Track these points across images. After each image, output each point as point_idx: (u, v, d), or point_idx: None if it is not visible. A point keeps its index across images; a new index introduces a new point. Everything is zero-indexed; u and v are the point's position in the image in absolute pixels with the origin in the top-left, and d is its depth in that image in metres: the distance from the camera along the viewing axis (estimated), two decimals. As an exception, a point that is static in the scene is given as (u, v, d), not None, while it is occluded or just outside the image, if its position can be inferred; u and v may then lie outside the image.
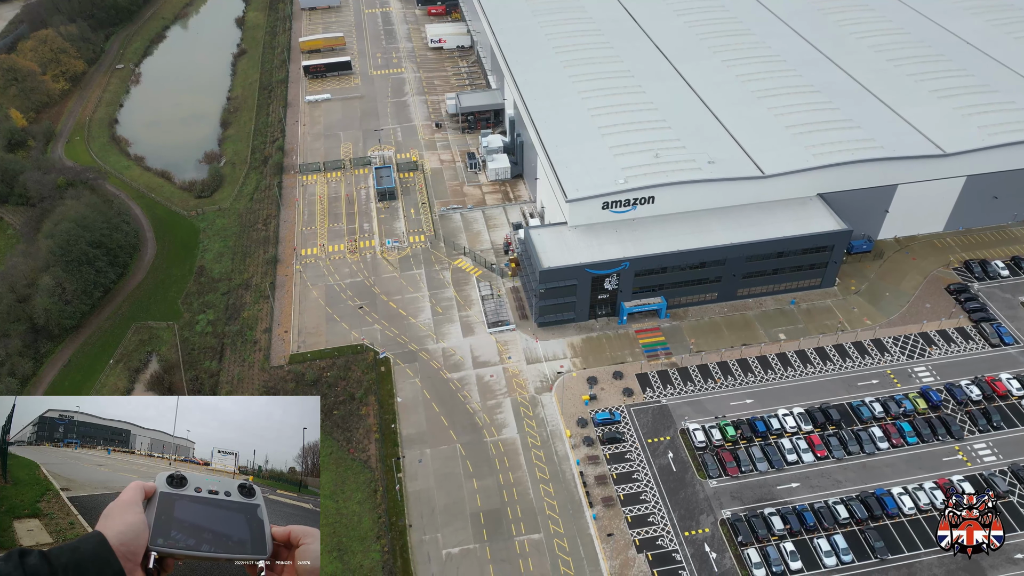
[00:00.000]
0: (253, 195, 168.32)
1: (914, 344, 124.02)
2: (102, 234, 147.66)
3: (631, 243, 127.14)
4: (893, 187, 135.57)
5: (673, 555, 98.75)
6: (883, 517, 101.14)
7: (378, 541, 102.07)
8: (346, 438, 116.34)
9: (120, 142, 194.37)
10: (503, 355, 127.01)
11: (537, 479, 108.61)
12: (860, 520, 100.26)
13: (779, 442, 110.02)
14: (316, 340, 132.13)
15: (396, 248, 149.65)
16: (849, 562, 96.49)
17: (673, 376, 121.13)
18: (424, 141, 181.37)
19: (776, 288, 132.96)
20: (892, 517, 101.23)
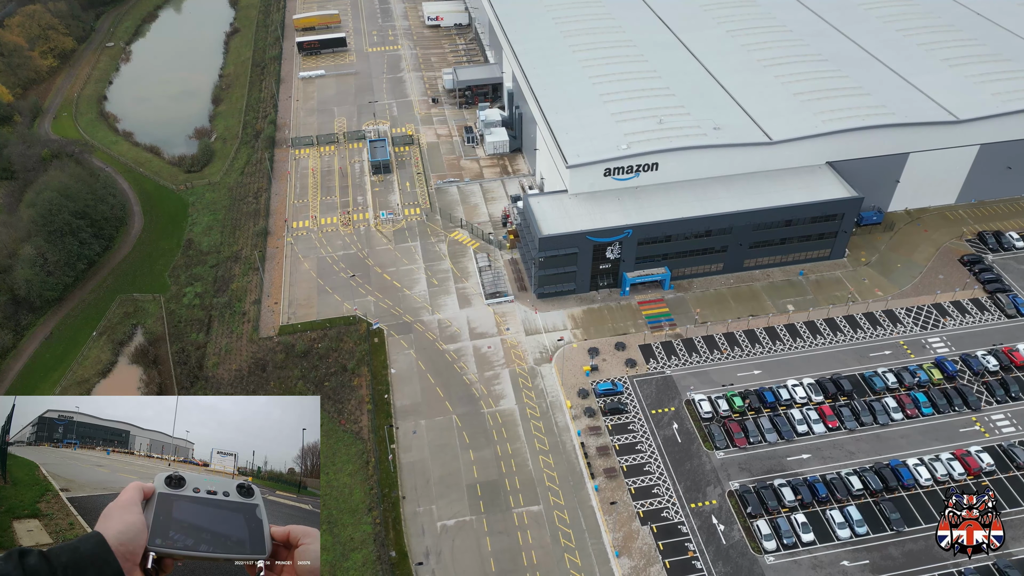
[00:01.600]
0: (244, 169, 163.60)
1: (927, 315, 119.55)
2: (86, 204, 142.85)
3: (634, 211, 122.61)
4: (904, 156, 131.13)
5: (679, 527, 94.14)
6: (898, 489, 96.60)
7: (369, 513, 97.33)
8: (337, 410, 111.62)
9: (108, 118, 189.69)
10: (501, 326, 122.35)
11: (536, 450, 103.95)
12: (875, 491, 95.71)
13: (788, 413, 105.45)
14: (307, 312, 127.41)
15: (391, 220, 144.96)
16: (864, 534, 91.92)
17: (677, 347, 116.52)
18: (420, 116, 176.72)
19: (784, 259, 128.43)
20: (908, 489, 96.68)
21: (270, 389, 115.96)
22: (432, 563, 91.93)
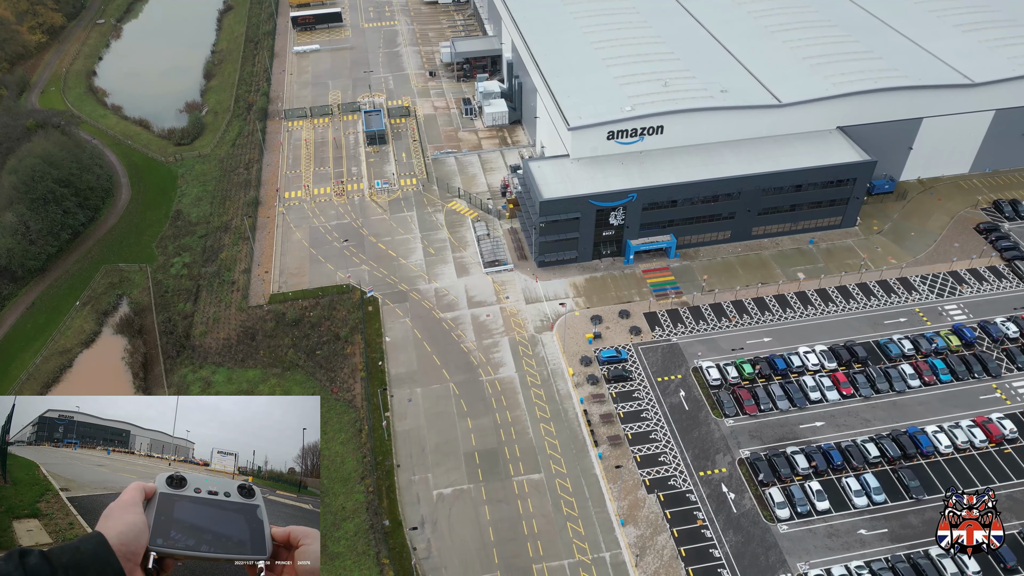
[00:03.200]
0: (235, 141, 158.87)
1: (943, 282, 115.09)
2: (70, 173, 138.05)
3: (638, 176, 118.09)
4: (917, 122, 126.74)
5: (687, 495, 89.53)
6: (917, 456, 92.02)
7: (362, 482, 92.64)
8: (329, 378, 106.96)
9: (97, 92, 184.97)
10: (500, 295, 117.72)
11: (537, 418, 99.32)
12: (892, 459, 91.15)
13: (801, 380, 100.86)
14: (298, 281, 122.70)
15: (386, 190, 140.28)
16: (881, 502, 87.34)
17: (684, 315, 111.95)
18: (417, 89, 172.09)
19: (793, 227, 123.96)
20: (927, 456, 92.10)
21: (259, 359, 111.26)
22: (428, 532, 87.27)
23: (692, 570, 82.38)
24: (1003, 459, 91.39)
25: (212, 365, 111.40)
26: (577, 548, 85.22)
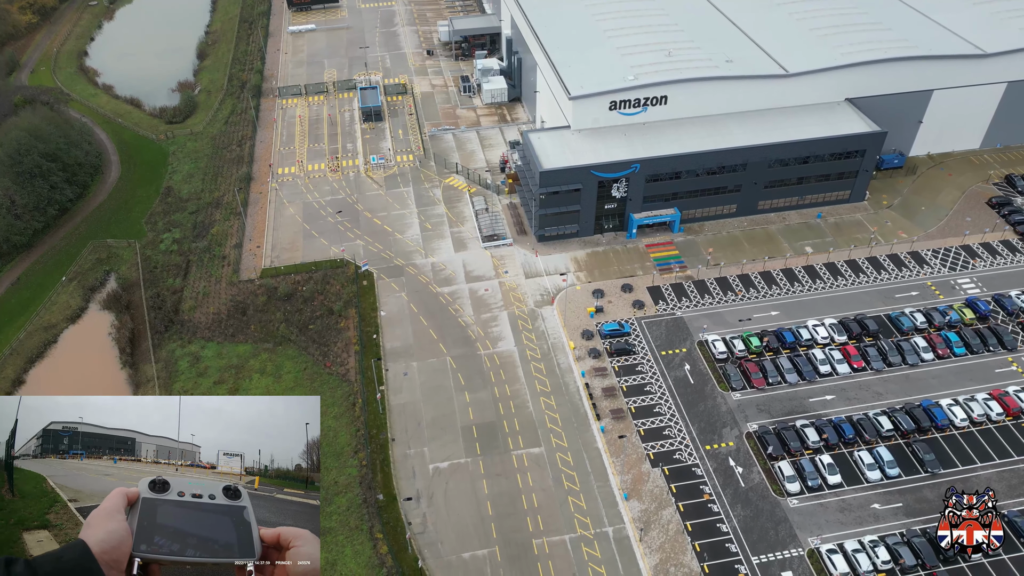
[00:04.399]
0: (228, 119, 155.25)
1: (956, 256, 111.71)
2: (57, 147, 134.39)
3: (641, 147, 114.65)
4: (928, 94, 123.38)
5: (693, 469, 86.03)
6: (932, 430, 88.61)
7: (356, 456, 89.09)
8: (322, 352, 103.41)
9: (88, 72, 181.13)
10: (499, 269, 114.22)
11: (537, 392, 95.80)
12: (906, 432, 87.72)
13: (810, 353, 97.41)
14: (291, 255, 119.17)
15: (382, 166, 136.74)
16: (896, 476, 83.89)
17: (688, 289, 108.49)
18: (414, 67, 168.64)
19: (801, 201, 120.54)
20: (942, 430, 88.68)
21: (250, 333, 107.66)
22: (424, 507, 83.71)
23: (699, 544, 78.91)
24: (1021, 433, 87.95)
25: (201, 340, 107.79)
26: (579, 523, 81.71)
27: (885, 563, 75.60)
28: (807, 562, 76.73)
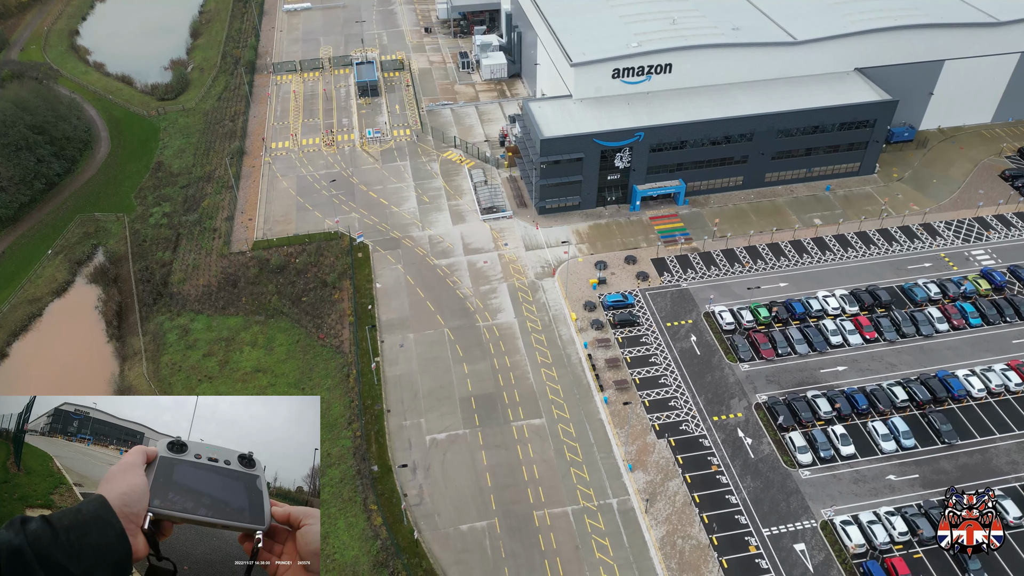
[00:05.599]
0: (221, 95, 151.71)
1: (969, 228, 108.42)
2: (45, 120, 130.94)
3: (645, 116, 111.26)
4: (939, 65, 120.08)
5: (700, 440, 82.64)
6: (948, 400, 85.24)
7: (350, 427, 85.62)
8: (315, 325, 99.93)
9: (79, 51, 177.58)
10: (498, 242, 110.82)
11: (538, 363, 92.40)
12: (922, 403, 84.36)
13: (821, 324, 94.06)
14: (284, 228, 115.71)
15: (378, 140, 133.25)
16: (911, 447, 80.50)
17: (694, 260, 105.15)
18: (412, 44, 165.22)
19: (809, 174, 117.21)
20: (959, 400, 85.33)
21: (241, 306, 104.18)
22: (420, 478, 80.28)
23: (707, 516, 75.53)
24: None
25: (191, 312, 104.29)
26: (581, 494, 78.30)
27: (902, 534, 72.28)
28: (820, 534, 73.39)
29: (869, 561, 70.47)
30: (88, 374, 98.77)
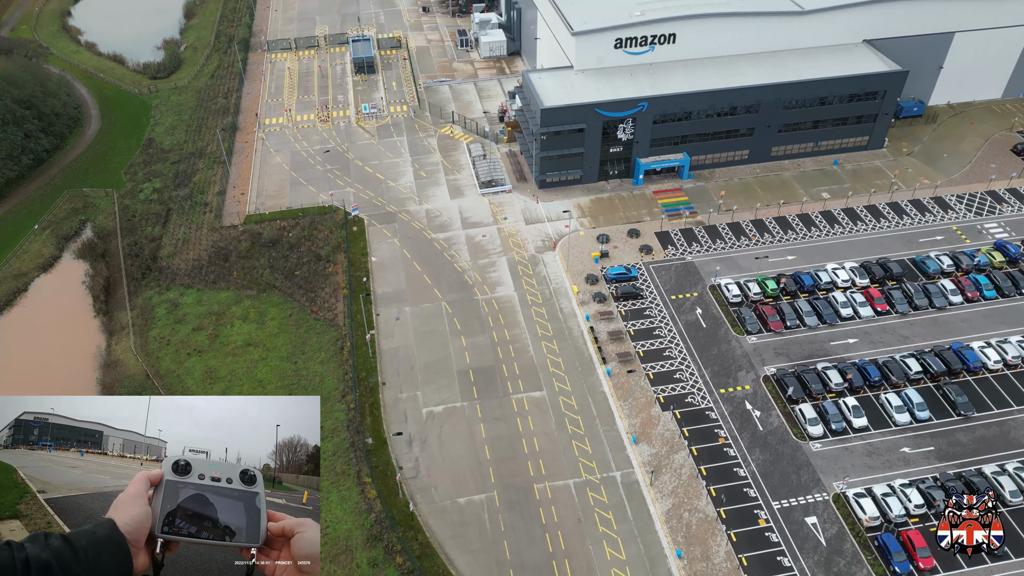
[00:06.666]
0: (214, 73, 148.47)
1: (981, 201, 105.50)
2: (33, 94, 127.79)
3: (649, 87, 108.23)
4: (949, 37, 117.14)
5: (707, 413, 79.62)
6: (963, 372, 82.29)
7: (343, 399, 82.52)
8: (308, 298, 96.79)
9: (71, 31, 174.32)
10: (497, 216, 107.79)
11: (539, 336, 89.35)
12: (936, 375, 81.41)
13: (830, 296, 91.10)
14: (278, 203, 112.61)
15: (374, 115, 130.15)
16: (926, 419, 77.52)
17: (699, 234, 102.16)
18: (409, 23, 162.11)
19: (816, 148, 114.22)
20: (974, 372, 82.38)
21: (232, 280, 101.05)
22: (416, 451, 77.20)
23: (715, 489, 72.49)
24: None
25: (180, 287, 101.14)
26: (584, 467, 75.24)
27: (918, 507, 69.30)
28: (832, 507, 70.42)
29: (884, 534, 67.49)
30: (74, 348, 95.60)
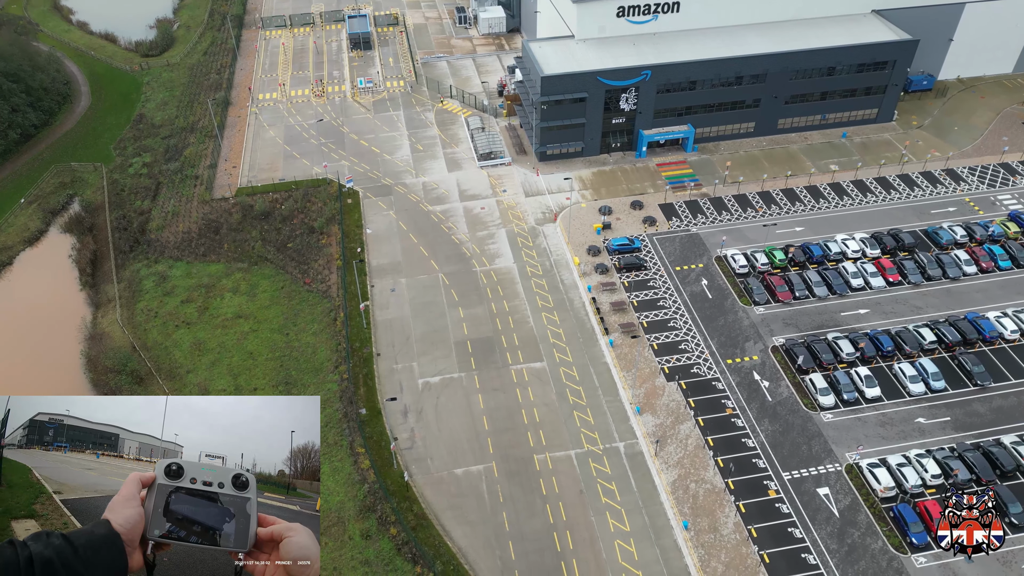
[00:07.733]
0: (207, 50, 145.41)
1: (994, 173, 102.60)
2: (21, 68, 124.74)
3: (652, 57, 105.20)
4: (960, 8, 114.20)
5: (713, 383, 76.66)
6: (979, 342, 79.37)
7: (336, 370, 79.57)
8: (301, 271, 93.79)
9: (63, 10, 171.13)
10: (496, 188, 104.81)
11: (539, 307, 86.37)
12: (951, 344, 78.46)
13: (840, 266, 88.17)
14: (270, 175, 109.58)
15: (370, 90, 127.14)
16: (941, 389, 74.60)
17: (704, 206, 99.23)
18: (407, 1, 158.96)
19: (824, 120, 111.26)
20: (990, 342, 79.46)
21: (223, 252, 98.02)
22: (412, 422, 74.21)
23: (722, 460, 69.51)
24: (1079, 345, 78.82)
25: (169, 259, 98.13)
26: (586, 437, 72.28)
27: (935, 477, 66.36)
28: (845, 477, 67.49)
29: (900, 505, 64.54)
30: (60, 321, 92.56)
